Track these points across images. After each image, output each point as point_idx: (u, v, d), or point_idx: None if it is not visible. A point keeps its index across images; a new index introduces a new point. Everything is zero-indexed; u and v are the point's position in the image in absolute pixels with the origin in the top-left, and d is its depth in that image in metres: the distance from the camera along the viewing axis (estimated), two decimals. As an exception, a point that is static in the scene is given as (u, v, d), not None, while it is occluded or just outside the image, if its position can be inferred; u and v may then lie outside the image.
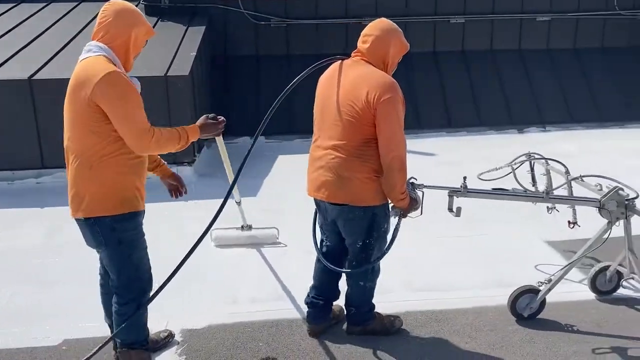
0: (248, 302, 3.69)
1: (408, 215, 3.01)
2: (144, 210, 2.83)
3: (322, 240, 3.28)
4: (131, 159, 2.66)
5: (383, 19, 3.02)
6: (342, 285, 3.32)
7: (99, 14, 2.64)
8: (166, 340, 3.22)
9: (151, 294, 2.86)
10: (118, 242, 2.70)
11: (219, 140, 3.59)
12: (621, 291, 3.67)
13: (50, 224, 5.00)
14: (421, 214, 3.06)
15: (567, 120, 8.81)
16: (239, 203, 4.43)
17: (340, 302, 3.38)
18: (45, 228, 4.95)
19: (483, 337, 3.25)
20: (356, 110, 2.80)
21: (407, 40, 3.04)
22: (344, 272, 3.17)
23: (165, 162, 3.22)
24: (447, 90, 9.04)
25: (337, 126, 2.87)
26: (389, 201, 2.99)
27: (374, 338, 3.22)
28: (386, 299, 3.59)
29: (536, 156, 3.74)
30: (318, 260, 3.25)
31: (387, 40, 2.92)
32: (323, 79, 3.08)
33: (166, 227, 4.88)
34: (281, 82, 10.38)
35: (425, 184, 3.12)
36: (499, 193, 3.33)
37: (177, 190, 3.19)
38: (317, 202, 3.13)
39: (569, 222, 3.82)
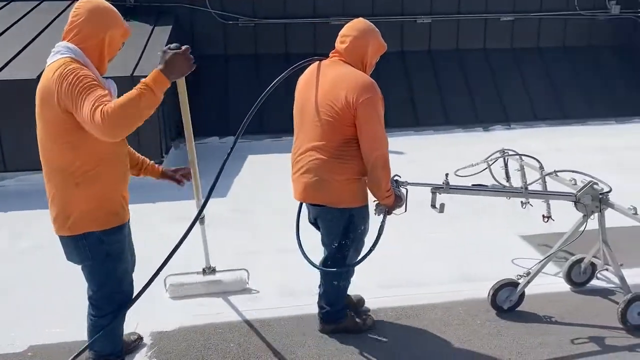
0: (218, 304, 3.67)
1: (393, 212, 3.03)
2: (129, 219, 2.74)
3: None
4: (114, 167, 2.52)
5: (361, 19, 3.02)
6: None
7: (72, 12, 2.42)
8: (136, 343, 3.17)
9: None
10: (105, 256, 2.56)
11: (181, 83, 2.95)
12: (595, 282, 3.77)
13: (12, 229, 4.88)
14: (405, 210, 3.09)
15: (531, 118, 9.02)
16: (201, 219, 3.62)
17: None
18: (8, 233, 4.83)
19: (452, 331, 3.30)
20: (335, 110, 2.79)
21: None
22: (320, 269, 3.17)
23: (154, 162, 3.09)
24: (415, 90, 9.14)
25: (316, 127, 2.86)
26: (369, 203, 3.01)
27: (345, 336, 3.24)
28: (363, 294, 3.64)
29: (510, 152, 3.82)
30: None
31: (365, 40, 2.93)
32: (302, 80, 3.06)
33: (135, 229, 4.81)
34: (250, 81, 10.48)
35: (408, 181, 3.15)
36: (479, 189, 3.39)
37: (179, 180, 3.05)
38: (304, 204, 3.18)
39: (543, 216, 3.89)
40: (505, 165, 3.97)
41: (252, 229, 4.87)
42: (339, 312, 3.26)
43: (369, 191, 2.98)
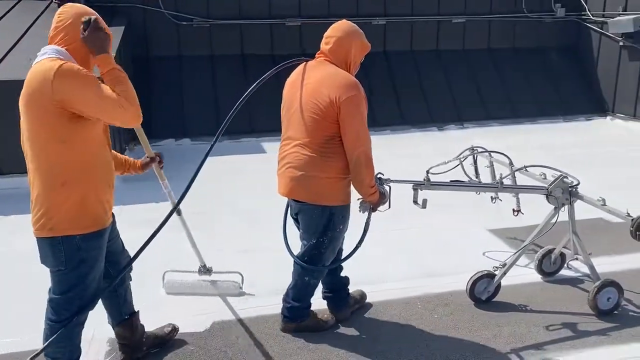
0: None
1: (377, 209, 3.09)
2: (112, 223, 2.72)
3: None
4: (99, 169, 2.52)
5: (344, 20, 3.11)
6: (348, 271, 3.41)
7: (56, 17, 2.48)
8: (171, 335, 3.16)
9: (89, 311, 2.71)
10: (79, 262, 2.52)
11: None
12: (563, 272, 3.94)
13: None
14: (389, 207, 3.14)
15: (484, 117, 9.28)
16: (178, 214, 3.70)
17: (354, 286, 3.49)
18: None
19: (410, 327, 3.35)
20: (320, 108, 2.87)
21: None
22: (297, 263, 3.18)
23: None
24: (371, 90, 9.25)
25: (302, 124, 2.94)
26: (351, 203, 3.06)
27: (305, 335, 3.25)
28: (318, 296, 3.66)
29: (479, 150, 3.96)
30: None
31: (348, 41, 3.01)
32: (289, 80, 3.14)
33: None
34: (205, 82, 10.38)
35: (391, 179, 3.21)
36: (458, 185, 3.52)
37: (159, 161, 3.17)
38: (288, 201, 3.23)
39: (513, 210, 3.98)
40: (475, 162, 4.10)
41: (212, 230, 4.83)
42: (304, 310, 3.28)
43: (353, 189, 3.03)
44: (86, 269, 2.56)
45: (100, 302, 2.91)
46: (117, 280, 2.75)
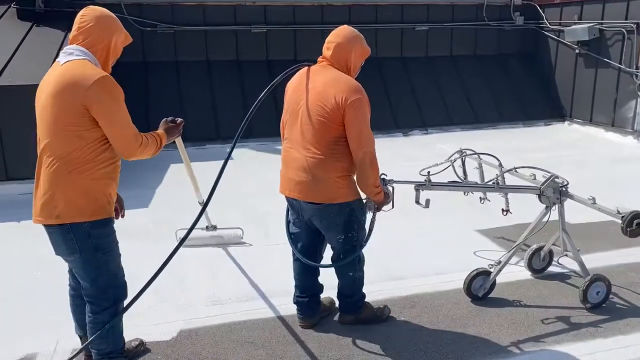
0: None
1: (382, 209, 3.18)
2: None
3: (291, 237, 3.35)
4: (109, 165, 2.61)
5: (345, 26, 3.20)
6: (324, 278, 3.42)
7: (78, 18, 2.60)
8: (138, 350, 3.12)
9: (126, 301, 2.78)
10: (94, 249, 2.60)
11: (179, 141, 3.74)
12: (551, 269, 4.08)
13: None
14: (393, 207, 3.23)
15: (447, 123, 9.47)
16: (201, 203, 4.32)
17: (327, 293, 3.49)
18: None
19: (376, 330, 3.38)
20: (326, 111, 2.96)
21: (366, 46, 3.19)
22: (323, 266, 3.31)
23: None
24: (337, 96, 9.33)
25: (308, 127, 3.01)
26: (362, 195, 3.14)
27: (271, 343, 3.26)
28: (289, 301, 3.66)
29: (468, 152, 4.10)
30: (295, 259, 3.36)
31: (349, 46, 3.09)
32: (291, 85, 3.21)
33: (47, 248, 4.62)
34: (171, 88, 10.28)
35: (394, 179, 3.31)
36: (457, 185, 3.67)
37: (116, 212, 2.96)
38: (291, 201, 3.24)
39: (502, 209, 4.10)
40: (463, 163, 4.22)
41: (173, 239, 4.77)
42: (359, 302, 3.40)
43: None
44: (104, 256, 2.64)
45: (69, 310, 2.94)
46: (145, 289, 2.77)
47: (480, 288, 3.69)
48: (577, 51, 9.48)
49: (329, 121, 2.96)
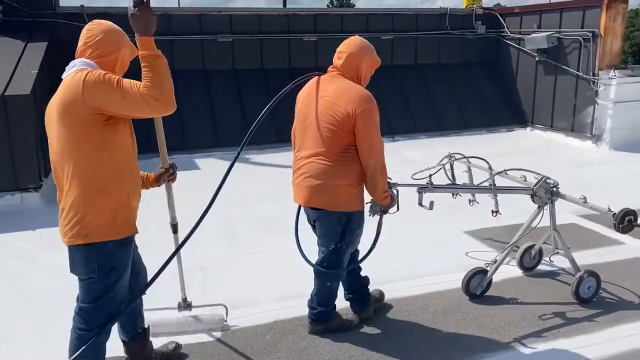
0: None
1: (388, 212, 3.25)
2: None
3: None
4: (130, 175, 2.58)
5: (356, 36, 3.26)
6: (368, 271, 3.52)
7: (84, 32, 2.58)
8: (175, 352, 3.13)
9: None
10: (111, 270, 2.55)
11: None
12: (542, 266, 4.21)
13: None
14: (398, 209, 3.31)
15: (412, 130, 9.60)
16: (174, 224, 3.36)
17: (374, 285, 3.58)
18: None
19: (346, 337, 3.38)
20: (337, 119, 3.00)
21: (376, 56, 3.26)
22: (317, 269, 3.30)
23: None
24: (304, 105, 9.37)
25: (319, 136, 3.06)
26: (364, 209, 3.20)
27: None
28: (255, 311, 3.65)
29: (457, 156, 4.25)
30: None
31: (360, 56, 3.15)
32: (302, 94, 3.25)
33: (16, 260, 4.51)
34: (136, 99, 9.91)
35: (398, 183, 3.41)
36: (456, 187, 3.86)
37: (170, 177, 3.00)
38: (304, 208, 3.30)
39: (492, 211, 4.20)
40: (451, 167, 4.33)
41: (143, 250, 4.70)
42: (330, 312, 3.40)
43: (365, 193, 3.17)
44: (116, 277, 2.59)
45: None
46: (144, 292, 2.80)
47: (478, 286, 3.80)
48: (537, 59, 9.76)
49: (339, 130, 3.01)
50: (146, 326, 3.03)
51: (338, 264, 3.24)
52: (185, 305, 3.49)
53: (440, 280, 4.06)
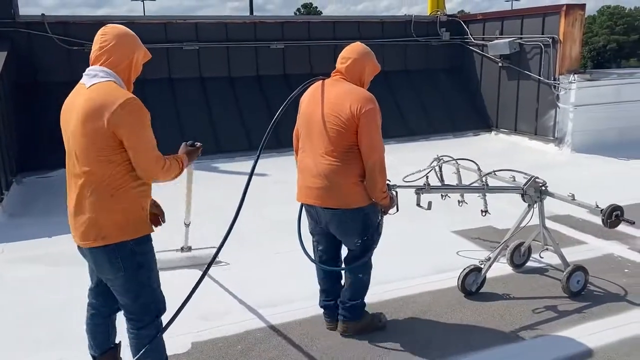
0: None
1: (388, 212, 3.35)
2: None
3: (314, 244, 3.51)
4: (143, 183, 2.62)
5: (358, 43, 3.40)
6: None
7: (98, 38, 2.59)
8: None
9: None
10: (138, 266, 2.60)
11: (189, 168, 3.65)
12: (530, 263, 4.39)
13: None
14: (397, 210, 3.41)
15: (382, 135, 9.65)
16: (187, 225, 4.46)
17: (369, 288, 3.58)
18: None
19: (318, 344, 3.39)
20: (342, 120, 3.12)
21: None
22: (344, 269, 3.40)
23: None
24: (273, 112, 9.34)
25: (324, 136, 3.17)
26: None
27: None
28: (226, 321, 3.62)
29: (445, 158, 4.37)
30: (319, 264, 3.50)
31: (363, 62, 3.30)
32: (306, 97, 3.37)
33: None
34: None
35: (397, 184, 3.54)
36: (450, 187, 4.08)
37: (157, 219, 2.91)
38: (308, 209, 3.37)
39: (481, 210, 4.37)
40: (440, 169, 4.45)
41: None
42: (362, 307, 3.48)
43: None
44: (147, 273, 2.64)
45: (85, 329, 2.92)
46: (187, 301, 2.82)
47: (473, 283, 3.92)
48: (500, 64, 9.98)
49: (344, 130, 3.13)
50: (117, 342, 2.98)
51: (367, 256, 3.34)
52: (187, 249, 4.55)
53: (434, 279, 4.18)
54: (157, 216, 2.87)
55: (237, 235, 5.37)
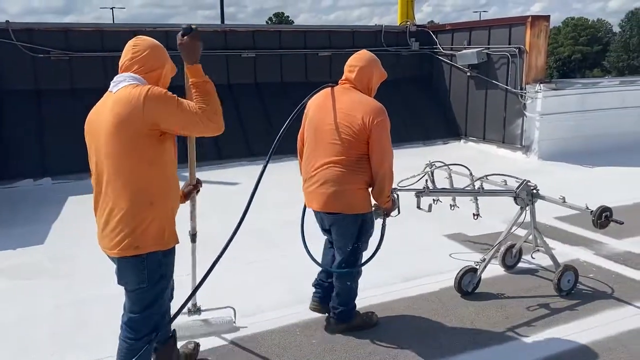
0: None
1: (390, 215, 3.47)
2: None
3: (327, 243, 3.65)
4: (174, 187, 2.67)
5: (365, 50, 3.50)
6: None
7: (130, 48, 2.62)
8: (197, 351, 3.20)
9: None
10: (160, 278, 2.63)
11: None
12: (521, 264, 4.52)
13: None
14: (399, 213, 3.55)
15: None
16: (193, 235, 3.41)
17: (363, 291, 3.68)
18: None
19: (289, 355, 3.36)
20: (353, 130, 3.21)
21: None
22: (335, 272, 3.49)
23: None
24: (244, 121, 9.33)
25: (335, 145, 3.26)
26: (373, 208, 3.41)
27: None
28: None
29: (438, 164, 4.53)
30: (326, 249, 3.65)
31: (370, 69, 3.39)
32: (313, 104, 3.44)
33: None
34: (67, 117, 9.79)
35: (399, 187, 3.72)
36: (447, 190, 4.25)
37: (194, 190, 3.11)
38: (315, 212, 3.47)
39: (473, 214, 4.56)
40: (432, 174, 4.55)
41: (75, 277, 4.50)
42: (352, 311, 3.57)
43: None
44: (164, 284, 2.69)
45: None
46: (194, 293, 2.95)
47: (469, 284, 4.02)
48: (468, 74, 10.15)
49: (355, 140, 3.22)
50: (174, 329, 3.05)
51: (356, 263, 3.46)
52: (195, 309, 3.56)
53: (431, 281, 4.28)
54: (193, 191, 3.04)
55: (205, 244, 5.25)
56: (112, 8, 49.30)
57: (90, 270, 4.57)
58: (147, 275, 2.57)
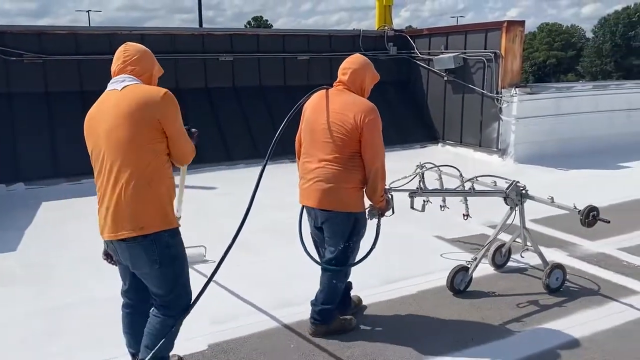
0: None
1: (385, 215, 3.53)
2: None
3: (314, 240, 3.70)
4: (172, 175, 2.78)
5: (358, 54, 3.60)
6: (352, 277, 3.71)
7: (121, 53, 2.82)
8: None
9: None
10: (173, 259, 2.73)
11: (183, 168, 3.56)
12: (510, 263, 4.62)
13: None
14: (393, 213, 3.62)
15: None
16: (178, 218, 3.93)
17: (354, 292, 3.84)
18: None
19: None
20: (346, 129, 3.31)
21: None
22: (346, 268, 3.51)
23: None
24: (222, 125, 9.28)
25: (328, 143, 3.35)
26: (366, 208, 3.48)
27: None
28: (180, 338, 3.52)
29: (428, 165, 4.60)
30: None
31: (363, 72, 3.49)
32: (309, 106, 3.54)
33: None
34: (40, 121, 9.63)
35: (392, 188, 3.78)
36: (439, 191, 4.37)
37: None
38: (309, 210, 3.53)
39: (463, 214, 4.65)
40: (422, 175, 4.62)
41: (48, 285, 4.41)
42: (332, 312, 3.58)
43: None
44: (181, 264, 2.79)
45: (123, 330, 3.00)
46: (202, 293, 2.90)
47: (461, 282, 4.11)
48: (445, 78, 10.25)
49: (347, 138, 3.31)
50: None
51: (346, 262, 3.49)
52: None
53: (422, 280, 4.35)
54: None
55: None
56: (88, 11, 48.74)
57: (63, 278, 4.49)
58: (157, 256, 2.67)
